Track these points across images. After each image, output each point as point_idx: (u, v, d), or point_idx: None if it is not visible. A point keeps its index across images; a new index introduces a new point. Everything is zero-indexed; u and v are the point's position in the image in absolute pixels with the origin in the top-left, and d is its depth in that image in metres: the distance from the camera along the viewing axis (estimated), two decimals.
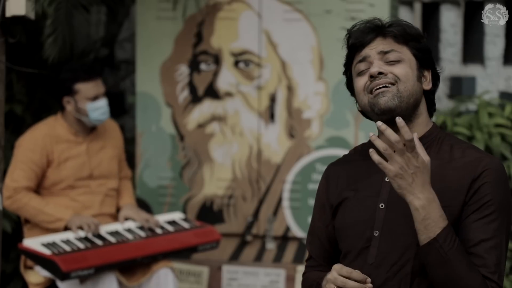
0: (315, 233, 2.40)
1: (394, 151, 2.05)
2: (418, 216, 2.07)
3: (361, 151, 2.36)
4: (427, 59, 2.27)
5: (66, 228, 4.01)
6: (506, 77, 5.18)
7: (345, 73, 2.32)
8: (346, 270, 2.13)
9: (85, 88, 4.07)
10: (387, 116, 2.20)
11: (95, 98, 4.09)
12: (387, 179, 2.23)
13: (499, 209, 2.15)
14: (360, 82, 2.23)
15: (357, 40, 2.25)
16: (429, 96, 2.29)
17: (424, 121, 2.27)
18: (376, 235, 2.20)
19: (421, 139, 2.24)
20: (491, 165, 2.17)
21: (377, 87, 2.20)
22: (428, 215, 2.07)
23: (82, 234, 3.97)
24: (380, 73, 2.19)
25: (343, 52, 2.33)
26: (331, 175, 2.37)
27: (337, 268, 2.15)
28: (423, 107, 2.27)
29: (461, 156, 2.20)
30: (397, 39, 2.23)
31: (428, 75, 2.27)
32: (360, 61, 2.24)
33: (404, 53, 2.23)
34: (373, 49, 2.23)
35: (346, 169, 2.34)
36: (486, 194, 2.14)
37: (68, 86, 4.09)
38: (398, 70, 2.20)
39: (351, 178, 2.31)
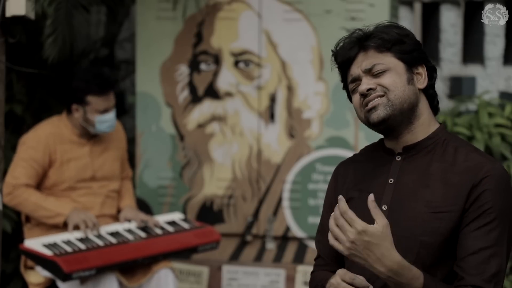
0: (324, 231, 2.41)
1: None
2: (391, 284, 2.08)
3: (369, 151, 2.37)
4: (415, 57, 2.25)
5: (66, 223, 4.01)
6: (506, 77, 5.18)
7: (343, 87, 2.34)
8: (349, 276, 2.13)
9: (96, 102, 4.06)
10: (383, 126, 2.23)
11: (104, 111, 4.08)
12: (391, 181, 2.24)
13: (499, 217, 2.14)
14: (355, 100, 2.27)
15: (342, 59, 2.28)
16: (428, 91, 2.28)
17: (427, 121, 2.27)
18: None
19: (425, 140, 2.25)
20: (493, 171, 2.15)
21: (371, 101, 2.22)
22: (399, 283, 2.07)
23: (78, 234, 3.96)
24: (368, 89, 2.22)
25: None
26: (340, 174, 2.39)
27: (341, 273, 2.15)
28: (423, 106, 2.26)
29: (464, 160, 2.19)
30: (379, 49, 2.23)
31: (422, 71, 2.26)
32: (351, 81, 2.28)
33: (388, 61, 2.23)
34: (358, 67, 2.25)
35: (354, 169, 2.36)
36: (486, 201, 2.13)
37: (80, 96, 4.06)
38: (385, 80, 2.21)
39: (358, 178, 2.33)
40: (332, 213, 2.05)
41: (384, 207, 2.22)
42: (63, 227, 4.02)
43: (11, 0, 3.28)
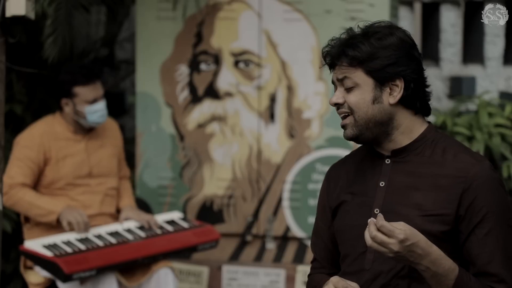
0: (318, 234, 2.41)
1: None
2: (427, 275, 2.10)
3: (361, 152, 2.37)
4: (389, 72, 2.19)
5: (59, 221, 4.00)
6: (506, 77, 5.18)
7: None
8: (342, 284, 2.14)
9: (84, 92, 4.06)
10: (357, 142, 2.26)
11: (93, 101, 4.09)
12: (382, 184, 2.24)
13: (500, 219, 2.15)
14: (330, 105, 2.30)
15: (327, 62, 2.28)
16: (407, 102, 2.22)
17: (408, 128, 2.24)
18: None
19: (412, 143, 2.24)
20: (481, 173, 2.15)
21: (340, 117, 2.25)
22: (435, 273, 2.09)
23: (73, 235, 3.95)
24: (336, 103, 2.24)
25: None
26: (332, 177, 2.39)
27: (334, 281, 2.16)
28: (401, 118, 2.23)
29: (452, 161, 2.19)
30: (352, 63, 2.20)
31: (399, 83, 2.20)
32: (332, 82, 2.29)
33: (358, 76, 2.20)
34: (335, 75, 2.26)
35: (346, 170, 2.36)
36: (482, 207, 2.14)
37: (67, 89, 4.08)
38: (350, 99, 2.21)
39: (350, 181, 2.32)
40: (366, 231, 2.06)
41: (376, 211, 2.22)
42: (57, 225, 4.02)
43: (11, 0, 3.27)
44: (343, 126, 2.25)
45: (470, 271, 2.18)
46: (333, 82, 2.28)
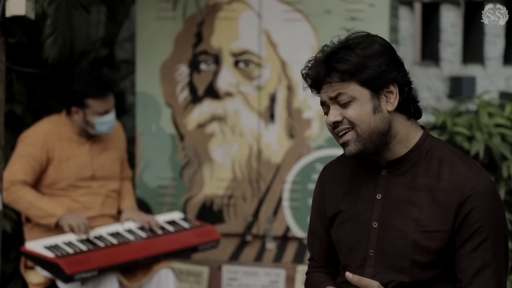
0: (315, 234, 2.40)
1: None
2: None
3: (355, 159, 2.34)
4: (382, 79, 2.16)
5: (58, 225, 4.00)
6: (506, 77, 5.18)
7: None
8: None
9: (96, 104, 4.07)
10: (359, 158, 2.21)
11: (104, 113, 4.09)
12: (379, 196, 2.22)
13: (492, 234, 2.13)
14: (327, 124, 2.23)
15: (311, 85, 2.23)
16: (402, 107, 2.20)
17: (405, 136, 2.21)
18: (371, 254, 2.19)
19: (408, 153, 2.21)
20: (478, 187, 2.13)
21: (339, 134, 2.19)
22: None
23: (73, 237, 3.95)
24: (335, 122, 2.18)
25: None
26: (327, 180, 2.36)
27: None
28: (398, 125, 2.20)
29: (449, 174, 2.16)
30: (342, 78, 2.16)
31: (394, 89, 2.18)
32: (321, 104, 2.24)
33: (353, 89, 2.15)
34: (325, 94, 2.19)
35: (341, 176, 2.32)
36: (475, 220, 2.11)
37: (79, 100, 4.08)
38: (350, 113, 2.15)
39: (345, 189, 2.29)
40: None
41: (375, 224, 2.19)
42: (55, 228, 4.02)
43: (11, 0, 3.27)
44: (344, 143, 2.18)
45: (457, 285, 2.16)
46: (322, 103, 2.22)
